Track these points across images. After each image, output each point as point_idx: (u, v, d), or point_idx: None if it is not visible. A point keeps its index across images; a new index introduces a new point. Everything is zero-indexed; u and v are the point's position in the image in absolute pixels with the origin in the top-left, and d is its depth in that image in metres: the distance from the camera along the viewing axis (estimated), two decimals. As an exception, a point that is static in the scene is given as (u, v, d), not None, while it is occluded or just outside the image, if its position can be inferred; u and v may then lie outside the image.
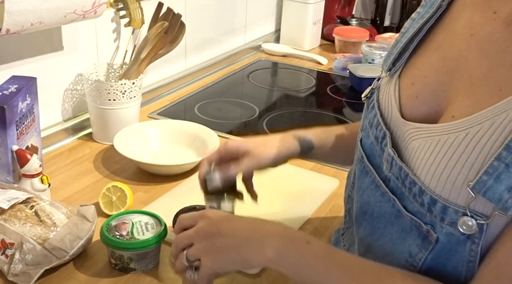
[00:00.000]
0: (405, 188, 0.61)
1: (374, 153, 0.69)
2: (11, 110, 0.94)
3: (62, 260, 0.81)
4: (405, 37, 0.69)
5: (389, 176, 0.65)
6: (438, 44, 0.65)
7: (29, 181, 0.95)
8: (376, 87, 0.74)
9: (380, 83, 0.73)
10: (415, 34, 0.68)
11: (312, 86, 1.74)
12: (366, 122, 0.73)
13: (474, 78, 0.58)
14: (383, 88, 0.71)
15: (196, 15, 1.60)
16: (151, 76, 1.48)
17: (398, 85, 0.68)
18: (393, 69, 0.70)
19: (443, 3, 0.66)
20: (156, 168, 1.11)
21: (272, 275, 0.85)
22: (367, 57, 1.75)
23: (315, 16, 1.97)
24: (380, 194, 0.66)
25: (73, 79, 1.26)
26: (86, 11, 1.07)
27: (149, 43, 1.23)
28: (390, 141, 0.65)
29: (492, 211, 0.53)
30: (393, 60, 0.70)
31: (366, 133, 0.72)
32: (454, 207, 0.55)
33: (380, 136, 0.67)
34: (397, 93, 0.67)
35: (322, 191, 1.08)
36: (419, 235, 0.60)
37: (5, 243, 0.80)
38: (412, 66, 0.68)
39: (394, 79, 0.69)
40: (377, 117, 0.69)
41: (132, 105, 1.22)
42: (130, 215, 0.87)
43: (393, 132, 0.66)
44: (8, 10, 0.93)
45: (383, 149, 0.66)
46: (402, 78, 0.68)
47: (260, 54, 1.93)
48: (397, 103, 0.66)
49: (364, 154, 0.71)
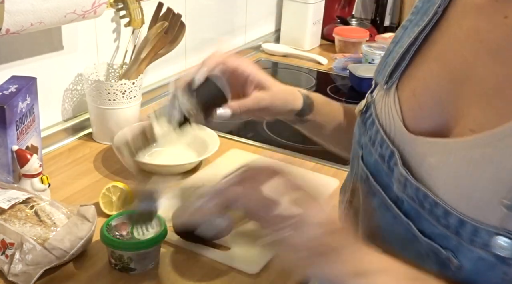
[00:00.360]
0: (423, 210, 0.56)
1: (381, 172, 0.63)
2: (11, 110, 0.94)
3: (62, 260, 0.81)
4: (401, 47, 0.65)
5: (401, 197, 0.59)
6: (439, 53, 0.61)
7: (29, 181, 0.95)
8: (371, 101, 0.69)
9: (375, 97, 0.68)
10: (411, 44, 0.64)
11: (312, 86, 1.74)
12: (365, 139, 0.68)
13: (488, 87, 0.54)
14: (379, 102, 0.67)
15: (196, 15, 1.60)
16: (151, 76, 1.48)
17: (397, 98, 0.63)
18: (390, 82, 0.65)
19: (439, 9, 0.62)
20: (156, 168, 1.11)
21: (272, 275, 0.85)
22: (367, 57, 1.75)
23: (315, 16, 1.97)
24: (391, 217, 0.61)
25: (73, 79, 1.26)
26: (86, 11, 1.07)
27: (149, 43, 1.23)
28: (400, 159, 0.60)
29: None
30: (390, 71, 0.65)
31: (367, 151, 0.67)
32: (485, 228, 0.51)
33: (387, 154, 0.62)
34: (397, 106, 0.63)
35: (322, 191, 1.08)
36: (437, 262, 0.55)
37: (5, 243, 0.80)
38: (411, 77, 0.63)
39: (392, 92, 0.64)
40: (380, 133, 0.64)
41: (132, 105, 1.22)
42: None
43: (400, 148, 0.61)
44: (8, 10, 0.93)
45: (392, 168, 0.61)
46: (400, 90, 0.64)
47: (260, 54, 1.93)
48: (399, 116, 0.62)
49: (369, 173, 0.65)
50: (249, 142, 1.28)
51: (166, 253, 0.88)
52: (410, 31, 0.65)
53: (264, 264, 0.87)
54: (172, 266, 0.86)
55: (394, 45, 0.67)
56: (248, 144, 1.27)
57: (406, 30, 0.66)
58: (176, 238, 0.90)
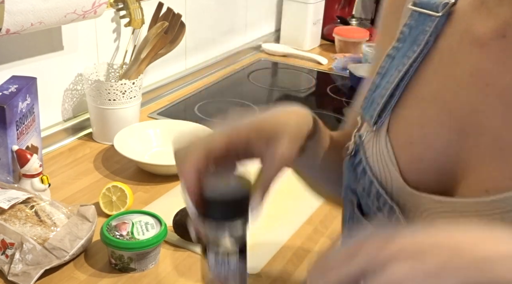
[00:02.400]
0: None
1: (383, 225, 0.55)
2: (11, 110, 0.94)
3: (62, 260, 0.81)
4: (389, 83, 0.56)
5: None
6: (435, 94, 0.53)
7: (29, 181, 0.95)
8: (359, 143, 0.60)
9: (364, 138, 0.59)
10: (401, 79, 0.55)
11: (312, 86, 1.74)
12: (358, 187, 0.59)
13: (503, 141, 0.47)
14: (369, 144, 0.58)
15: (196, 15, 1.60)
16: (151, 76, 1.48)
17: (390, 144, 0.55)
18: (379, 121, 0.57)
19: (430, 38, 0.54)
20: (156, 168, 1.11)
21: (272, 275, 0.85)
22: (367, 57, 1.75)
23: (315, 16, 1.97)
24: None
25: (73, 79, 1.26)
26: (86, 11, 1.07)
27: (149, 43, 1.23)
28: (402, 216, 0.53)
29: None
30: (379, 111, 0.57)
31: (364, 201, 0.59)
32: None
33: (386, 209, 0.55)
34: (391, 154, 0.55)
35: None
36: None
37: (5, 243, 0.80)
38: (404, 120, 0.55)
39: (382, 135, 0.56)
40: (375, 186, 0.56)
41: (132, 105, 1.22)
42: (130, 215, 0.87)
43: (400, 204, 0.54)
44: (8, 10, 0.93)
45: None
46: (392, 133, 0.56)
47: (260, 54, 1.93)
48: (396, 167, 0.54)
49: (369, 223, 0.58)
50: (249, 142, 1.28)
51: (166, 253, 0.88)
52: (399, 62, 0.57)
53: (265, 263, 0.87)
54: (172, 266, 0.86)
55: (381, 78, 0.58)
56: (248, 144, 1.27)
57: (393, 60, 0.57)
58: (176, 238, 0.90)
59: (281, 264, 0.89)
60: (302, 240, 0.95)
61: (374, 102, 0.58)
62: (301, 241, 0.94)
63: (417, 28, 0.56)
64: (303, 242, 0.94)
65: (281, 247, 0.92)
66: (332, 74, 1.80)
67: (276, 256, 0.90)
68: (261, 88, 1.68)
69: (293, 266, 0.88)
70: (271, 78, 1.85)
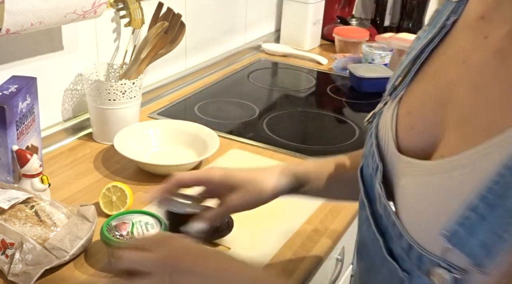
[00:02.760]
0: (390, 228, 0.56)
1: (372, 186, 0.62)
2: (11, 110, 0.94)
3: (62, 260, 0.81)
4: (408, 59, 0.63)
5: (380, 213, 0.59)
6: (436, 71, 0.59)
7: (29, 181, 0.95)
8: (378, 112, 0.67)
9: (383, 108, 0.66)
10: (417, 57, 0.61)
11: (312, 86, 1.74)
12: (366, 149, 0.66)
13: (465, 113, 0.51)
14: (383, 114, 0.65)
15: (196, 15, 1.60)
16: (151, 76, 1.48)
17: (396, 113, 0.61)
18: (394, 93, 0.63)
19: (447, 22, 0.58)
20: (156, 168, 1.11)
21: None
22: (367, 57, 1.75)
23: (315, 16, 1.97)
24: (372, 232, 0.60)
25: (73, 79, 1.26)
26: (86, 11, 1.07)
27: (149, 43, 1.23)
28: (381, 175, 0.59)
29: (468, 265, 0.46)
30: (395, 84, 0.64)
31: (366, 162, 0.65)
32: (429, 256, 0.49)
33: (375, 168, 0.61)
34: (394, 122, 0.61)
35: None
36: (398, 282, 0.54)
37: (5, 243, 0.80)
38: (411, 93, 0.61)
39: (393, 106, 0.62)
40: (373, 147, 0.63)
41: (132, 105, 1.22)
42: (130, 215, 0.87)
43: (387, 165, 0.60)
44: (8, 10, 0.93)
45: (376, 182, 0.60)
46: (401, 105, 0.62)
47: (260, 54, 1.93)
48: (393, 133, 0.60)
49: (363, 185, 0.65)
50: (249, 142, 1.28)
51: (166, 253, 0.88)
52: (421, 43, 0.62)
53: (265, 263, 0.87)
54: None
55: (406, 56, 0.65)
56: (248, 144, 1.27)
57: (418, 41, 0.63)
58: (176, 238, 0.90)
59: (281, 264, 0.89)
60: (302, 240, 0.95)
61: (395, 75, 0.65)
62: (301, 241, 0.94)
63: (442, 12, 0.61)
64: (303, 242, 0.94)
65: (281, 247, 0.92)
66: (332, 74, 1.80)
67: (276, 256, 0.90)
68: (261, 88, 1.68)
69: (293, 266, 0.88)
70: (271, 78, 1.85)
